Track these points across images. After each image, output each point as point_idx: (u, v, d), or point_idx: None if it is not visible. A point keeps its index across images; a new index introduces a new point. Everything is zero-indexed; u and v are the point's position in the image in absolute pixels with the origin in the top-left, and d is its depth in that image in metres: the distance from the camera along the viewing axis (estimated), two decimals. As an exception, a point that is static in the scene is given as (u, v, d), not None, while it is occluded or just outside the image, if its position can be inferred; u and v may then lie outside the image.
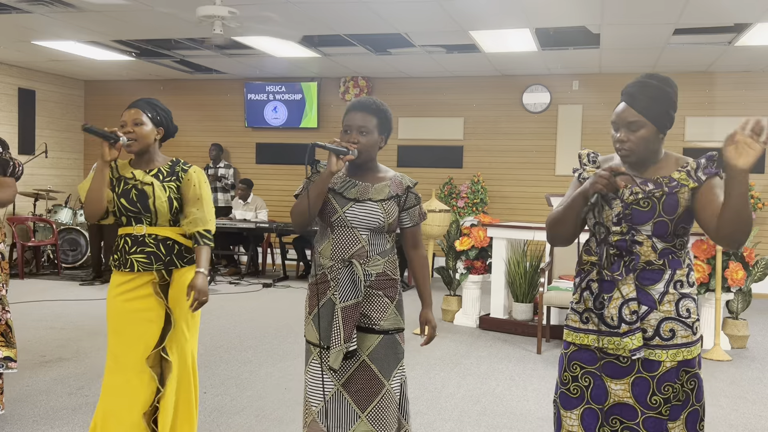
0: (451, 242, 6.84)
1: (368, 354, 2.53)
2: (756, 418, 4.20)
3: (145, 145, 2.84)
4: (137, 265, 2.80)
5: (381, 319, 2.54)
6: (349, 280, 2.48)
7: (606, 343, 2.19)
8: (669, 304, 2.16)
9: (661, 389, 2.15)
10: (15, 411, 3.91)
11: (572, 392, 2.26)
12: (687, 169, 2.17)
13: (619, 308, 2.17)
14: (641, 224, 2.16)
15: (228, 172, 10.32)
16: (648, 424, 2.16)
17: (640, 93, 2.15)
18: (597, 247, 2.24)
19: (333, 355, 2.46)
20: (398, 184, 2.58)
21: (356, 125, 2.52)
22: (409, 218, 2.62)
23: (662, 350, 2.15)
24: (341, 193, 2.54)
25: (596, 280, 2.23)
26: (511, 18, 6.63)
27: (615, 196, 2.19)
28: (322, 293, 2.55)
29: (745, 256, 5.84)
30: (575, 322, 2.28)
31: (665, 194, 2.15)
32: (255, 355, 5.29)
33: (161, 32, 7.74)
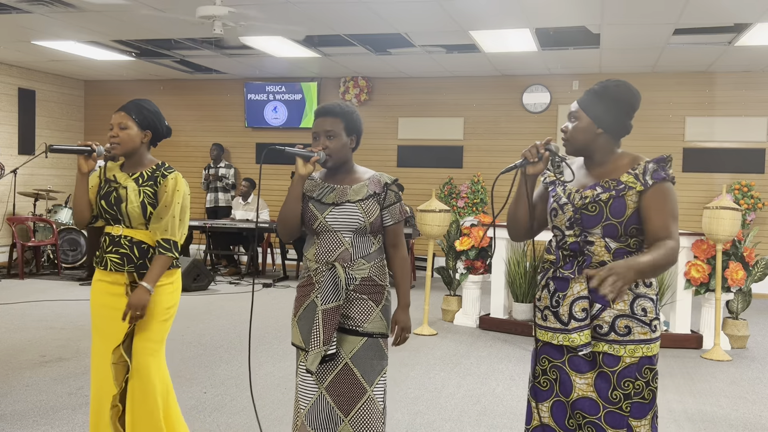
0: (451, 242, 6.84)
1: (351, 357, 2.52)
2: (756, 418, 4.20)
3: (129, 149, 2.85)
4: (110, 265, 2.84)
5: (365, 322, 2.54)
6: (331, 283, 2.49)
7: (561, 339, 2.25)
8: (623, 303, 2.21)
9: (621, 384, 2.19)
10: (15, 411, 3.91)
11: (542, 385, 2.33)
12: (636, 172, 2.23)
13: (570, 305, 2.22)
14: (591, 227, 2.23)
15: (229, 172, 10.32)
16: (608, 418, 2.21)
17: (589, 91, 2.31)
18: (555, 247, 2.32)
19: (311, 357, 2.47)
20: (376, 182, 2.59)
21: (323, 130, 2.55)
22: (390, 216, 2.60)
23: (620, 345, 2.19)
24: (319, 200, 2.56)
25: (552, 278, 2.30)
26: (511, 18, 6.63)
27: (567, 201, 2.27)
28: (306, 296, 2.58)
29: (745, 256, 5.84)
30: (538, 319, 2.36)
31: (612, 198, 2.21)
32: (255, 355, 5.29)
33: (161, 32, 7.74)
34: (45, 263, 9.55)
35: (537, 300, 2.37)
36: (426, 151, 10.18)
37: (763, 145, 9.04)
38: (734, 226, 5.51)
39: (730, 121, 9.12)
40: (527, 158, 2.28)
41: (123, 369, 2.85)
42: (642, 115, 9.25)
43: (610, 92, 2.26)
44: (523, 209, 2.37)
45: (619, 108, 2.26)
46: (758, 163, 9.06)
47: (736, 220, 5.51)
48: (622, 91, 2.27)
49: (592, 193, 2.24)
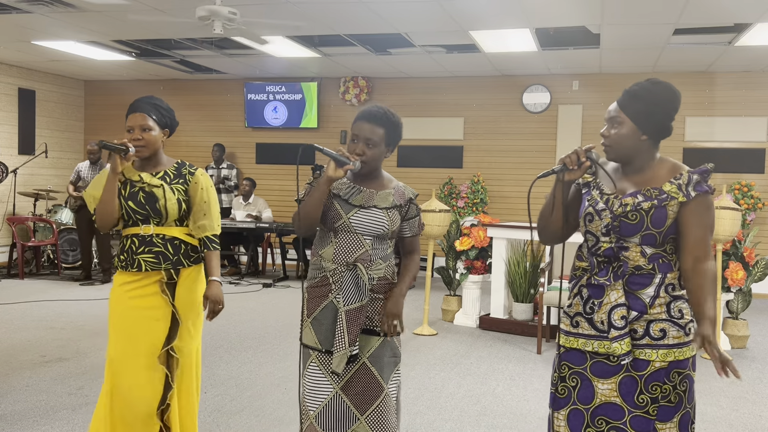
0: (451, 242, 6.84)
1: (368, 356, 2.53)
2: (756, 418, 4.20)
3: (153, 150, 2.86)
4: (145, 265, 2.81)
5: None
6: (353, 284, 2.48)
7: (596, 347, 2.21)
8: (660, 307, 2.17)
9: (648, 388, 2.16)
10: (15, 411, 3.91)
11: (560, 393, 2.28)
12: (679, 182, 2.16)
13: (609, 313, 2.18)
14: (629, 236, 2.17)
15: (231, 173, 10.30)
16: (635, 423, 2.17)
17: (628, 92, 2.20)
18: (587, 253, 2.27)
19: (336, 358, 2.45)
20: (401, 194, 2.60)
21: (363, 136, 2.52)
22: (409, 229, 2.65)
23: (652, 349, 2.16)
24: (346, 200, 2.54)
25: (586, 286, 2.25)
26: (511, 18, 6.63)
27: (605, 207, 2.20)
28: (323, 296, 2.53)
29: (745, 257, 5.84)
30: (567, 325, 2.31)
31: (654, 207, 2.15)
32: (255, 355, 5.29)
33: (161, 32, 7.74)
34: (45, 263, 9.55)
35: (567, 307, 2.32)
36: (426, 151, 10.18)
37: (763, 145, 9.04)
38: (734, 226, 5.51)
39: (730, 121, 9.12)
40: (566, 165, 2.20)
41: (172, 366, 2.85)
42: (642, 115, 9.24)
43: (652, 94, 2.17)
44: (557, 214, 2.30)
45: (663, 111, 2.18)
46: (758, 163, 9.05)
47: (736, 220, 5.51)
48: (664, 91, 2.19)
49: (632, 200, 2.16)
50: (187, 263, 2.87)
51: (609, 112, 2.23)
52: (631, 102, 2.18)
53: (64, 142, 11.12)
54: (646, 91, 2.17)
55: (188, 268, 2.88)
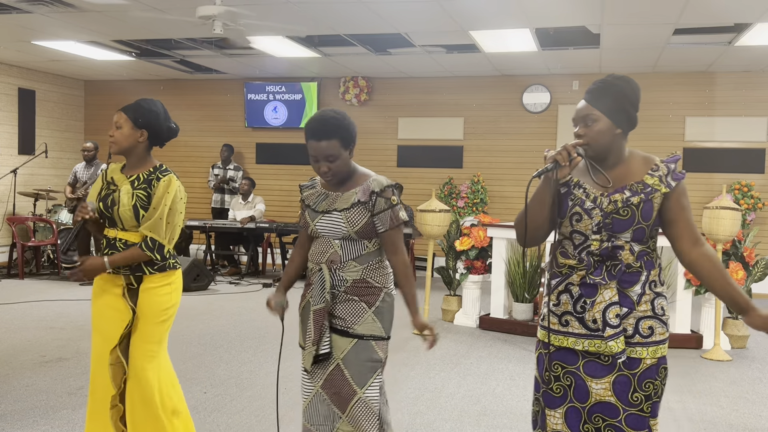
0: (451, 242, 6.84)
1: (342, 358, 2.54)
2: (756, 418, 4.20)
3: (123, 148, 2.86)
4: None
5: (355, 323, 2.53)
6: (319, 284, 2.54)
7: (587, 345, 2.22)
8: (645, 304, 2.21)
9: (642, 386, 2.18)
10: (15, 411, 3.91)
11: (555, 391, 2.28)
12: (659, 174, 2.21)
13: (603, 312, 2.20)
14: (621, 232, 2.19)
15: (237, 174, 10.25)
16: (630, 421, 2.19)
17: (596, 90, 2.22)
18: (575, 251, 2.25)
19: (305, 355, 2.56)
20: (366, 190, 2.54)
21: (323, 156, 2.48)
22: (380, 222, 2.54)
23: (642, 347, 2.19)
24: (313, 208, 2.61)
25: (577, 284, 2.24)
26: (511, 18, 6.63)
27: (594, 205, 2.20)
28: (304, 296, 2.65)
29: (745, 257, 5.84)
30: (554, 324, 2.30)
31: (642, 201, 2.18)
32: (255, 355, 5.29)
33: (161, 32, 7.74)
34: (45, 263, 9.54)
35: (553, 305, 2.29)
36: (426, 151, 10.18)
37: (763, 145, 9.04)
38: (734, 226, 5.51)
39: (730, 121, 9.12)
40: (559, 162, 2.18)
41: (120, 370, 2.85)
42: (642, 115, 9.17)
43: (618, 88, 2.20)
44: (546, 214, 2.26)
45: (631, 103, 2.22)
46: (758, 163, 9.05)
47: (736, 220, 5.51)
48: (628, 84, 2.22)
49: (621, 196, 2.18)
50: (149, 270, 2.85)
51: (580, 111, 2.23)
52: (600, 98, 2.20)
53: (64, 142, 11.12)
54: (612, 85, 2.21)
55: (151, 275, 2.85)
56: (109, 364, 2.83)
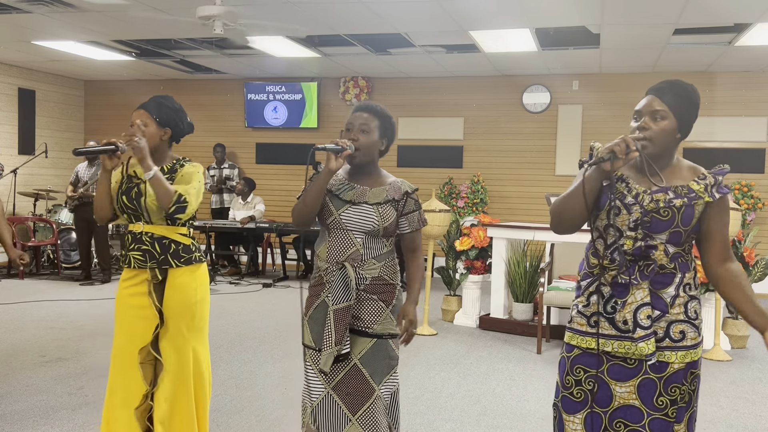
0: (451, 242, 6.84)
1: (360, 358, 2.52)
2: (756, 418, 4.20)
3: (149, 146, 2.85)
4: (134, 262, 2.84)
5: (374, 323, 2.53)
6: (341, 283, 2.48)
7: (617, 347, 2.18)
8: (679, 307, 2.16)
9: (668, 390, 2.14)
10: (15, 411, 3.91)
11: (575, 396, 2.24)
12: (705, 183, 2.17)
13: (634, 313, 2.15)
14: (658, 232, 2.14)
15: (233, 172, 10.29)
16: (654, 425, 2.15)
17: (669, 88, 2.16)
18: (607, 250, 2.21)
19: (324, 357, 2.47)
20: (397, 189, 2.59)
21: (358, 123, 2.55)
22: (408, 224, 2.61)
23: (671, 351, 2.15)
24: (338, 195, 2.55)
25: (608, 284, 2.20)
26: (511, 18, 6.63)
27: (635, 201, 2.15)
28: (317, 295, 2.58)
29: (745, 257, 5.84)
30: (581, 325, 2.24)
31: (685, 205, 2.14)
32: (255, 355, 5.29)
33: (161, 32, 7.74)
34: (45, 263, 9.54)
35: (582, 306, 2.25)
36: (426, 151, 10.18)
37: (763, 145, 9.04)
38: (734, 226, 5.51)
39: (730, 121, 9.12)
40: (616, 153, 2.09)
41: (151, 368, 2.85)
42: (642, 115, 9.24)
43: (690, 94, 2.15)
44: (585, 204, 2.18)
45: (695, 113, 2.18)
46: (758, 163, 9.06)
47: (736, 220, 5.51)
48: (696, 94, 2.18)
49: (664, 197, 2.14)
50: (175, 263, 2.84)
51: (649, 105, 2.15)
52: (674, 99, 2.14)
53: (64, 142, 11.12)
54: (684, 90, 2.16)
55: (177, 268, 2.85)
56: (139, 363, 2.82)
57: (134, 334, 2.83)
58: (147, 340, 2.82)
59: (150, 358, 2.84)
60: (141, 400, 2.82)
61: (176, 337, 2.85)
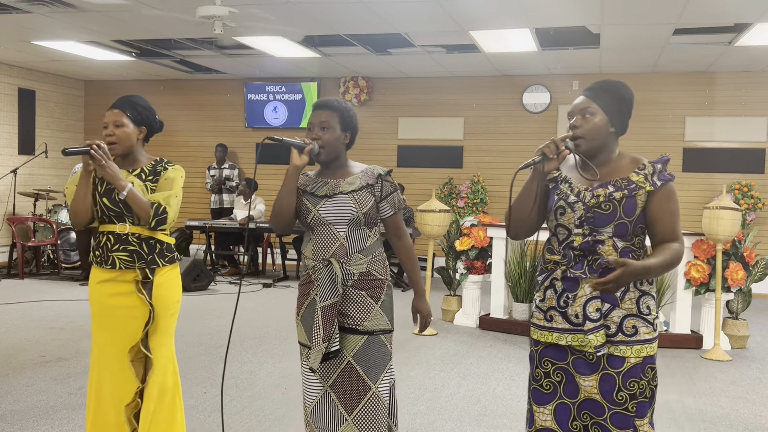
0: (451, 242, 6.84)
1: (353, 355, 2.53)
2: (756, 418, 4.20)
3: (126, 147, 2.85)
4: (119, 263, 2.82)
5: (365, 320, 2.53)
6: (328, 280, 2.49)
7: (570, 340, 2.24)
8: (630, 301, 2.22)
9: (626, 385, 2.20)
10: (15, 411, 3.91)
11: (545, 388, 2.31)
12: (645, 173, 2.23)
13: (584, 306, 2.22)
14: (602, 226, 2.21)
15: (233, 173, 10.30)
16: (615, 420, 2.21)
17: (597, 88, 2.27)
18: (560, 246, 2.28)
19: (313, 355, 2.48)
20: (370, 174, 2.60)
21: (318, 121, 2.58)
22: (389, 206, 2.61)
23: (626, 346, 2.20)
24: (313, 193, 2.58)
25: (560, 279, 2.27)
26: (511, 18, 6.63)
27: (577, 199, 2.23)
28: (306, 294, 2.59)
29: (745, 257, 5.84)
30: (540, 320, 2.33)
31: (625, 197, 2.20)
32: (255, 355, 5.29)
33: (161, 32, 7.74)
34: (45, 263, 9.54)
35: (539, 301, 2.34)
36: (426, 151, 10.18)
37: (763, 145, 9.04)
38: (734, 226, 5.51)
39: (730, 121, 9.12)
40: (546, 154, 2.20)
41: (142, 365, 2.85)
42: (642, 115, 9.24)
43: (618, 90, 2.26)
44: (530, 207, 2.30)
45: (626, 107, 2.27)
46: (758, 163, 9.05)
47: (736, 220, 5.51)
48: (625, 89, 2.28)
49: (604, 191, 2.21)
50: (162, 263, 2.86)
51: (578, 105, 2.28)
52: (601, 94, 2.25)
53: (64, 142, 11.12)
54: (612, 86, 2.27)
55: (163, 267, 2.86)
56: (130, 360, 2.82)
57: (119, 333, 2.84)
58: (135, 338, 2.82)
59: (140, 356, 2.85)
60: (132, 398, 2.83)
61: (163, 333, 2.87)
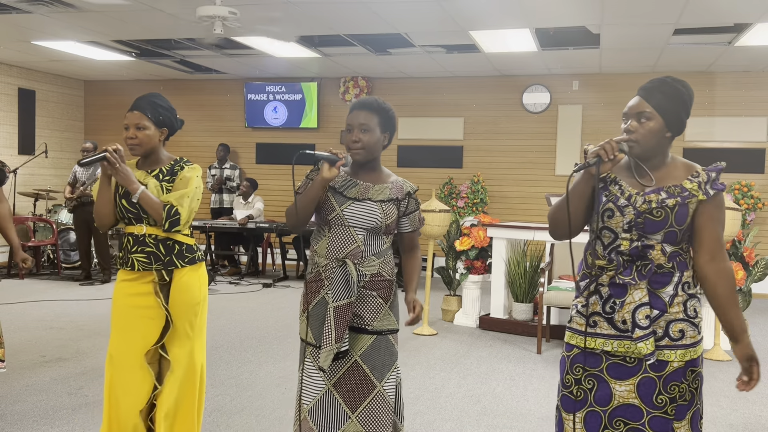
0: (451, 242, 6.84)
1: (360, 354, 2.52)
2: (756, 418, 4.20)
3: (148, 149, 2.85)
4: (137, 265, 2.82)
5: (374, 320, 2.53)
6: (342, 280, 2.48)
7: (617, 346, 2.18)
8: (678, 305, 2.16)
9: (667, 389, 2.15)
10: (15, 411, 3.91)
11: (575, 395, 2.24)
12: (698, 180, 2.17)
13: (633, 313, 2.15)
14: (652, 233, 2.15)
15: (234, 173, 10.29)
16: (654, 423, 2.16)
17: (655, 88, 2.17)
18: (605, 251, 2.21)
19: (323, 354, 2.46)
20: (399, 188, 2.59)
21: (358, 123, 2.54)
22: (410, 223, 2.64)
23: (671, 350, 2.15)
24: (341, 192, 2.55)
25: (606, 284, 2.20)
26: (511, 18, 6.63)
27: (627, 203, 2.16)
28: (316, 292, 2.56)
29: (745, 256, 5.84)
30: (581, 325, 2.25)
31: (678, 204, 2.14)
32: (255, 355, 5.29)
33: (161, 32, 7.74)
34: (45, 263, 9.54)
35: (581, 306, 2.26)
36: (426, 151, 10.18)
37: (763, 145, 9.04)
38: (734, 226, 5.51)
39: (730, 121, 9.12)
40: (602, 157, 2.12)
41: (158, 367, 2.85)
42: (642, 115, 9.24)
43: (677, 91, 2.16)
44: (581, 208, 2.22)
45: (685, 108, 2.18)
46: (758, 163, 9.05)
47: (736, 220, 5.51)
48: (686, 89, 2.18)
49: (657, 197, 2.14)
50: (180, 264, 2.85)
51: (635, 107, 2.17)
52: (659, 97, 2.15)
53: (64, 142, 11.12)
54: (672, 87, 2.16)
55: (182, 269, 2.85)
56: (148, 362, 2.82)
57: (137, 334, 2.82)
58: (152, 340, 2.81)
59: (156, 358, 2.84)
60: (146, 401, 2.82)
61: (182, 336, 2.86)
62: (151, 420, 2.86)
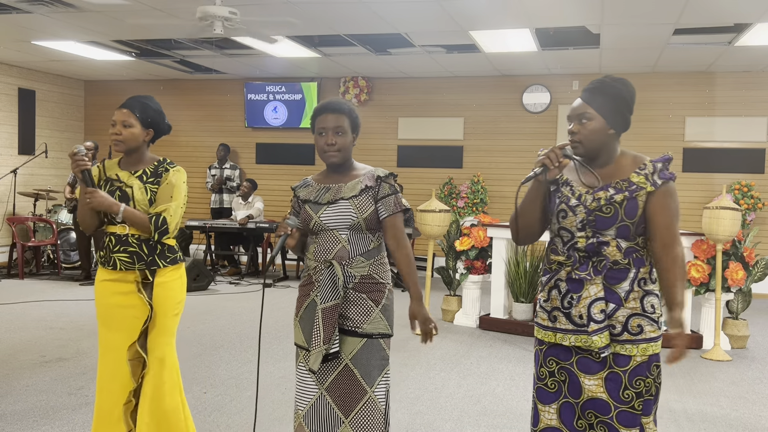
0: (451, 242, 6.84)
1: (351, 358, 2.52)
2: (756, 418, 4.20)
3: (131, 146, 2.87)
4: (120, 264, 2.83)
5: (364, 323, 2.52)
6: (329, 281, 2.49)
7: (574, 341, 2.25)
8: (634, 301, 2.22)
9: (632, 383, 2.20)
10: (15, 411, 3.91)
11: (550, 387, 2.32)
12: (645, 173, 2.23)
13: (588, 307, 2.22)
14: (605, 229, 2.22)
15: (234, 173, 10.30)
16: (621, 418, 2.21)
17: (595, 89, 2.26)
18: (564, 248, 2.29)
19: (313, 356, 2.47)
20: (371, 176, 2.58)
21: (332, 126, 2.56)
22: (384, 207, 2.55)
23: (632, 345, 2.21)
24: (316, 201, 2.58)
25: (564, 280, 2.28)
26: (511, 18, 6.63)
27: (578, 203, 2.24)
28: (306, 295, 2.58)
29: (745, 257, 5.84)
30: (544, 320, 2.34)
31: (626, 199, 2.21)
32: (255, 355, 5.29)
33: (161, 32, 7.74)
34: (45, 263, 9.54)
35: (543, 301, 2.35)
36: (426, 151, 10.18)
37: (763, 145, 9.04)
38: (734, 226, 5.51)
39: (730, 121, 9.12)
40: (547, 165, 2.24)
41: (139, 365, 2.86)
42: (642, 115, 9.24)
43: (615, 89, 2.24)
44: (538, 214, 2.34)
45: (625, 105, 2.25)
46: (758, 163, 9.05)
47: (736, 220, 5.51)
48: (624, 87, 2.26)
49: (605, 194, 2.22)
50: (163, 264, 2.86)
51: (575, 109, 2.28)
52: (597, 97, 2.24)
53: (64, 142, 11.12)
54: (610, 86, 2.24)
55: (164, 268, 2.87)
56: (128, 359, 2.83)
57: (121, 332, 2.84)
58: (134, 337, 2.83)
59: (138, 355, 2.86)
60: (127, 397, 2.84)
61: (162, 333, 2.87)
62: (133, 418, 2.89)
